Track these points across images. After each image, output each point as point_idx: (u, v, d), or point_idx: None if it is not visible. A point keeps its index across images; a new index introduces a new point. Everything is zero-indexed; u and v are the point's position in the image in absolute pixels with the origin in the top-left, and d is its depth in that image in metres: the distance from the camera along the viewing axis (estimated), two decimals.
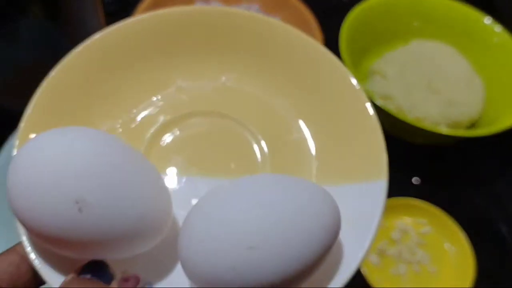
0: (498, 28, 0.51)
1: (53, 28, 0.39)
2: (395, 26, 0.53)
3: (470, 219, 0.44)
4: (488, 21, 0.51)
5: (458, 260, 0.42)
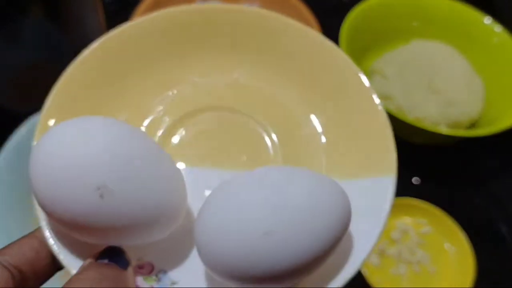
0: (498, 28, 0.51)
1: (53, 28, 0.39)
2: (395, 26, 0.53)
3: (470, 219, 0.44)
4: (488, 21, 0.51)
5: (458, 260, 0.42)
